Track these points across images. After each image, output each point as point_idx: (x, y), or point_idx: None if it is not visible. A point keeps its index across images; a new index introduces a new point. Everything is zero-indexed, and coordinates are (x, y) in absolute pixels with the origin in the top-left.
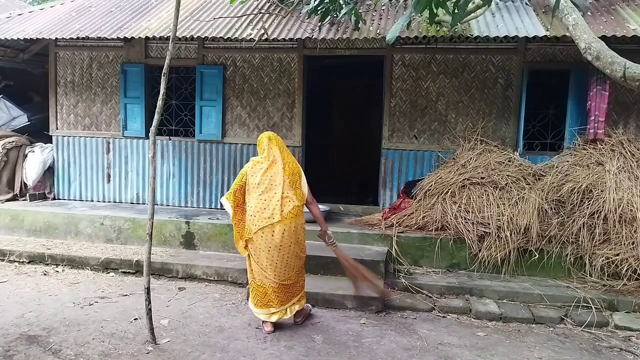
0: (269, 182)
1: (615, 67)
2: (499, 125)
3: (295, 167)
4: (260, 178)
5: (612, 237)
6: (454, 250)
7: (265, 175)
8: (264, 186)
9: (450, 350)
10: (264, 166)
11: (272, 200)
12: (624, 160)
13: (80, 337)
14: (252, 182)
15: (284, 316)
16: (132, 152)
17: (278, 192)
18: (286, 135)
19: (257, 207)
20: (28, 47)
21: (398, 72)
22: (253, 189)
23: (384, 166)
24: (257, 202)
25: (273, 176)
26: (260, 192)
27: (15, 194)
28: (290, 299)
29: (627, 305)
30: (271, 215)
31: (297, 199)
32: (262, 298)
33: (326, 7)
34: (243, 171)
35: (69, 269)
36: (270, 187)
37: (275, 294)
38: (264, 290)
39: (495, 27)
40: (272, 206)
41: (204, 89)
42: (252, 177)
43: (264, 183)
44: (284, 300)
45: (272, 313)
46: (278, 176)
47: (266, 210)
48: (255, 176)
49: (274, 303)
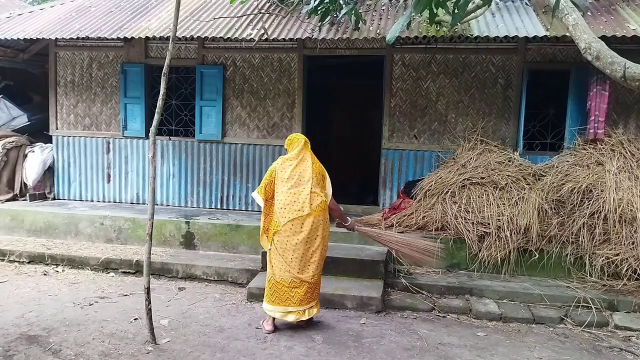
0: (299, 177)
1: (615, 67)
2: (499, 125)
3: (321, 169)
4: (290, 173)
5: (612, 237)
6: (454, 250)
7: (294, 170)
8: (294, 180)
9: (450, 350)
10: (293, 163)
11: (301, 194)
12: (624, 160)
13: (80, 337)
14: (282, 177)
15: (302, 317)
16: (132, 152)
17: (307, 187)
18: (286, 135)
19: (287, 200)
20: (28, 47)
21: (398, 72)
22: (282, 182)
23: (384, 166)
24: (287, 195)
25: (302, 172)
26: (290, 186)
27: (15, 194)
28: (310, 301)
29: (627, 305)
30: (301, 207)
31: (324, 195)
32: (280, 295)
33: (326, 7)
34: (272, 167)
35: (69, 269)
36: (300, 182)
37: (295, 290)
38: (283, 287)
39: (495, 27)
40: (302, 199)
41: (204, 89)
42: (282, 172)
43: (293, 178)
44: (303, 300)
45: (289, 312)
46: (307, 172)
47: (296, 203)
48: (284, 171)
49: (293, 301)
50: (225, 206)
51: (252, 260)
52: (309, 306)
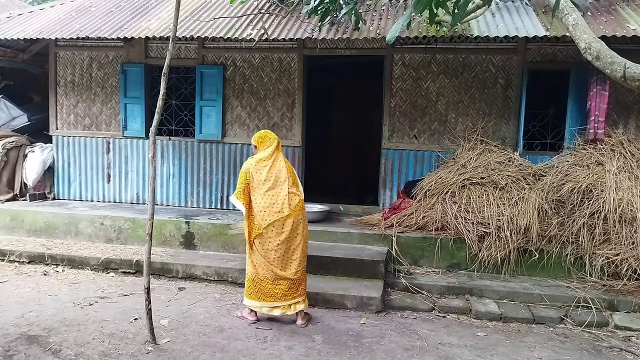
0: (275, 178)
1: (615, 67)
2: (499, 125)
3: (292, 168)
4: (267, 175)
5: (612, 237)
6: (454, 250)
7: (270, 172)
8: (271, 182)
9: (450, 350)
10: (268, 164)
11: (279, 195)
12: (624, 160)
13: (80, 337)
14: (258, 179)
15: (287, 311)
16: (132, 152)
17: (284, 187)
18: (286, 135)
19: (265, 202)
20: (28, 47)
21: (398, 72)
22: (259, 185)
23: (384, 166)
24: (266, 198)
25: (278, 173)
26: (267, 188)
27: (15, 194)
28: (295, 296)
29: (627, 305)
30: (281, 209)
31: (301, 194)
32: (265, 292)
33: (326, 7)
34: (245, 169)
35: (69, 269)
36: (277, 183)
37: (279, 287)
38: (267, 284)
39: (495, 27)
40: (281, 201)
41: (204, 89)
42: (257, 174)
43: (270, 180)
44: (287, 295)
45: (275, 307)
46: (282, 173)
47: (275, 205)
48: (260, 173)
49: (277, 297)
50: (225, 206)
51: None
52: (294, 301)
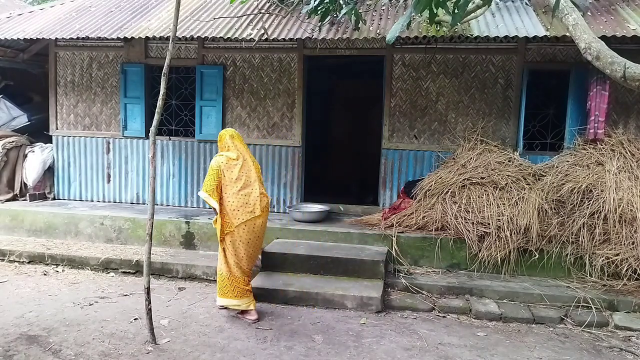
0: (246, 177)
1: (615, 67)
2: (499, 125)
3: (257, 164)
4: (238, 174)
5: (612, 237)
6: (454, 250)
7: (242, 171)
8: (242, 182)
9: (450, 350)
10: (238, 162)
11: (251, 196)
12: (624, 160)
13: (80, 337)
14: (230, 177)
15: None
16: (132, 152)
17: (255, 188)
18: (286, 135)
19: (239, 202)
20: (28, 47)
21: (398, 72)
22: (231, 183)
23: (384, 166)
24: (238, 197)
25: (248, 172)
26: (240, 187)
27: (15, 194)
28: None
29: (627, 305)
30: (253, 209)
31: (267, 196)
32: (241, 290)
33: (326, 7)
34: (216, 167)
35: (69, 269)
36: (248, 183)
37: (244, 282)
38: (240, 282)
39: (495, 27)
40: (253, 201)
41: (204, 89)
42: (229, 172)
43: (241, 179)
44: (246, 291)
45: (251, 301)
46: (252, 173)
47: (248, 205)
48: (232, 171)
49: (247, 295)
50: None
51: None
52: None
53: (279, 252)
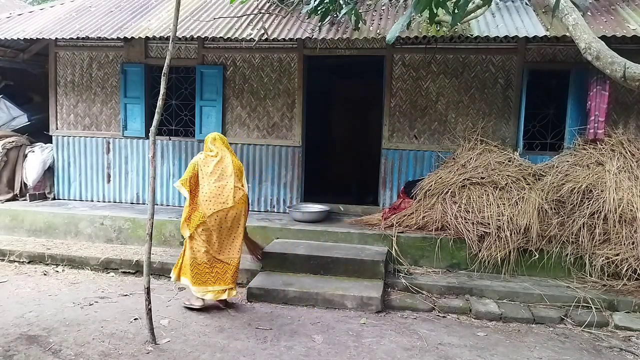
0: (221, 172)
1: (615, 67)
2: (499, 125)
3: (239, 164)
4: (213, 168)
5: (612, 237)
6: (454, 250)
7: (217, 166)
8: (217, 175)
9: (450, 350)
10: (216, 159)
11: (225, 188)
12: (624, 160)
13: (80, 337)
14: (206, 171)
15: (221, 296)
16: (132, 152)
17: (230, 181)
18: (286, 135)
19: (212, 193)
20: (28, 47)
21: (398, 72)
22: (206, 176)
23: (384, 166)
24: (212, 188)
25: (224, 168)
26: (214, 180)
27: (15, 194)
28: (228, 282)
29: (627, 305)
30: (225, 200)
31: (245, 189)
32: (202, 276)
33: (326, 7)
34: (194, 162)
35: (69, 269)
36: (223, 176)
37: (215, 270)
38: (205, 267)
39: (495, 27)
40: (226, 193)
41: (204, 89)
42: (205, 166)
43: (216, 172)
44: (222, 279)
45: (209, 291)
46: (229, 168)
47: (221, 196)
48: (208, 166)
49: (212, 281)
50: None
51: (252, 260)
52: (227, 287)
53: (279, 252)
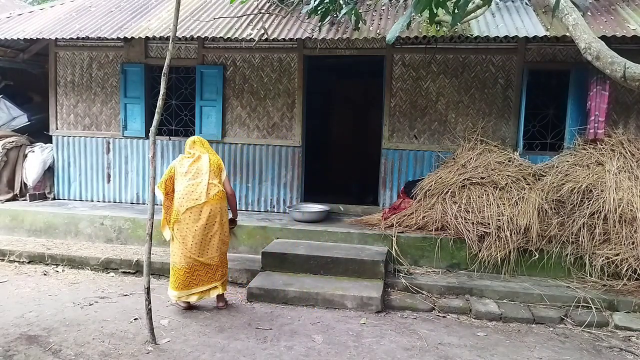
0: (196, 171)
1: (615, 67)
2: (499, 125)
3: (218, 162)
4: (188, 168)
5: (612, 237)
6: (454, 250)
7: (192, 165)
8: (192, 174)
9: (450, 350)
10: (191, 159)
11: (199, 185)
12: (624, 160)
13: (80, 337)
14: (180, 171)
15: (205, 296)
16: (132, 152)
17: (205, 179)
18: (286, 135)
19: (185, 190)
20: (28, 47)
21: (398, 72)
22: (181, 176)
23: (384, 166)
24: (186, 186)
25: (199, 167)
26: (189, 178)
27: (15, 194)
28: (212, 281)
29: (627, 305)
30: (198, 197)
31: (222, 186)
32: (183, 280)
33: (326, 7)
34: (172, 165)
35: (69, 269)
36: (197, 174)
37: (197, 273)
38: (185, 273)
39: (495, 27)
40: (200, 190)
41: (204, 89)
42: (180, 167)
43: (191, 172)
44: (205, 280)
45: (192, 293)
46: (204, 167)
47: (194, 193)
48: (183, 167)
49: (195, 283)
50: None
51: (252, 260)
52: (211, 285)
53: (279, 252)
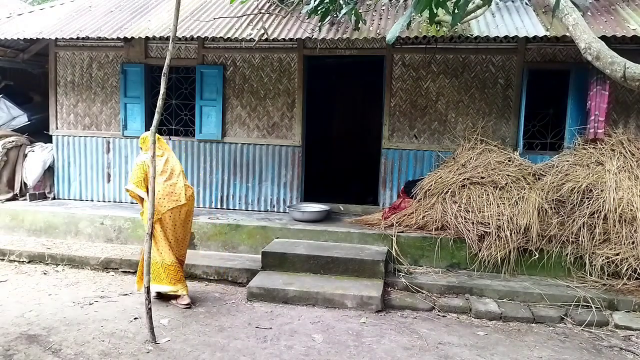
0: (170, 171)
1: (615, 67)
2: (499, 124)
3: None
4: (163, 167)
5: (612, 237)
6: (454, 249)
7: (166, 165)
8: (167, 174)
9: (450, 350)
10: (163, 159)
11: (176, 186)
12: (624, 160)
13: (80, 337)
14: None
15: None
16: (132, 152)
17: (180, 180)
18: (286, 135)
19: (165, 191)
20: (28, 47)
21: (398, 72)
22: (157, 176)
23: (384, 166)
24: (164, 187)
25: (172, 167)
26: (165, 178)
27: (15, 193)
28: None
29: (627, 304)
30: (178, 198)
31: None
32: (174, 276)
33: (326, 7)
34: (141, 162)
35: (69, 268)
36: (172, 175)
37: (177, 270)
38: (174, 269)
39: (495, 27)
40: (178, 191)
41: (204, 89)
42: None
43: (166, 172)
44: (181, 277)
45: (184, 287)
46: (177, 167)
47: (174, 194)
48: (158, 165)
49: (177, 280)
50: (225, 206)
51: (252, 259)
52: (185, 283)
53: (279, 252)
